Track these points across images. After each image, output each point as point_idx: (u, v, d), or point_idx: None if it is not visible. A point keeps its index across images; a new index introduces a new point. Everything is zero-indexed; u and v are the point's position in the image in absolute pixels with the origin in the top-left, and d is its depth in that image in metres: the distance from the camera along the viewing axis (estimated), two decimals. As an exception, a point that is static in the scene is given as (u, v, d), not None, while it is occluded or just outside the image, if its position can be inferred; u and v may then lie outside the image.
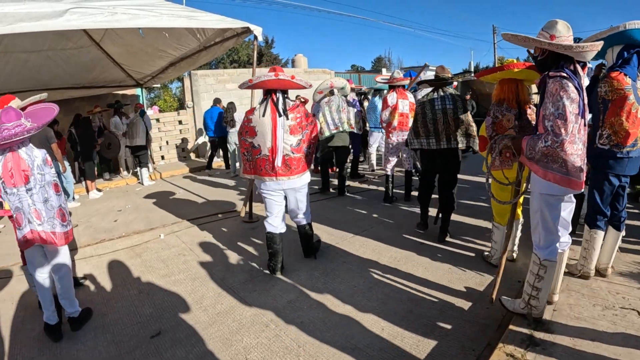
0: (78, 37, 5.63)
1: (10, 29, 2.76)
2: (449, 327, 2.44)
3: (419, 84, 4.76)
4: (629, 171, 2.52)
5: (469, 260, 3.34)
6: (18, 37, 4.35)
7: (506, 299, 2.50)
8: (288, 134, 3.03)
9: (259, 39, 4.51)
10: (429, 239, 3.83)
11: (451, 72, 3.86)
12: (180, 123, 9.92)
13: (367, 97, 8.47)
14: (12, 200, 2.36)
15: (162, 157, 9.65)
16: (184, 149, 10.04)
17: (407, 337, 2.36)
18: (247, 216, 4.77)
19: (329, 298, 2.85)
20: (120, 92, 8.72)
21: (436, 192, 3.89)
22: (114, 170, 8.21)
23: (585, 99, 2.01)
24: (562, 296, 2.51)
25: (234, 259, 3.67)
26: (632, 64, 2.39)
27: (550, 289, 2.32)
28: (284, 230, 3.31)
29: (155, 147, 9.37)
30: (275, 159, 3.02)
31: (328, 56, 79.41)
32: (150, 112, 9.85)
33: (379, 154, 7.47)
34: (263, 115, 3.00)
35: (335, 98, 5.32)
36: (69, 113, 7.35)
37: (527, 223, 2.63)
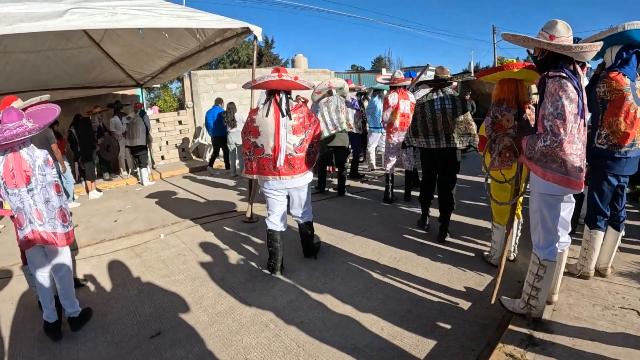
0: (78, 37, 5.63)
1: (10, 30, 2.76)
2: (449, 327, 2.44)
3: (419, 85, 4.76)
4: (627, 171, 2.52)
5: (469, 260, 3.34)
6: (18, 38, 4.35)
7: (506, 299, 2.50)
8: (291, 133, 3.07)
9: (259, 39, 4.51)
10: (428, 239, 3.84)
11: (451, 72, 3.87)
12: (180, 123, 9.92)
13: (367, 97, 8.46)
14: (14, 200, 2.36)
15: (162, 157, 9.66)
16: (183, 149, 10.04)
17: (407, 337, 2.36)
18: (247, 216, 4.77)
19: (328, 298, 2.85)
20: (120, 92, 8.72)
21: (436, 192, 3.89)
22: (113, 171, 8.20)
23: (584, 99, 2.01)
24: (561, 296, 2.51)
25: (234, 259, 3.67)
26: (631, 64, 2.38)
27: (550, 289, 2.32)
28: (284, 229, 3.33)
29: (155, 147, 9.38)
30: (280, 158, 3.05)
31: (328, 56, 79.59)
32: (150, 112, 9.84)
33: (378, 154, 7.47)
34: (266, 116, 3.04)
35: (333, 98, 5.32)
36: (69, 113, 7.33)
37: (526, 223, 2.63)
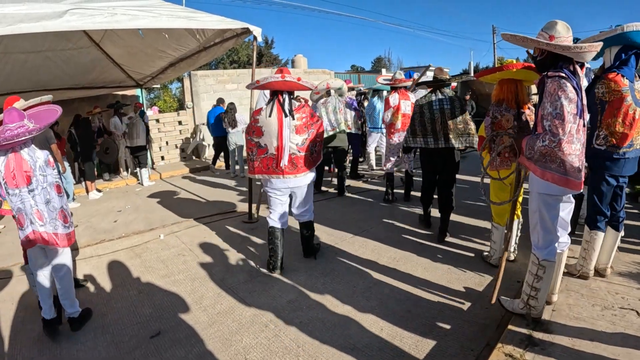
0: (78, 37, 5.63)
1: (10, 30, 2.76)
2: (448, 327, 2.44)
3: (417, 86, 4.77)
4: (626, 171, 2.52)
5: (468, 260, 3.35)
6: (17, 38, 4.35)
7: (505, 299, 2.51)
8: (294, 133, 3.11)
9: (259, 39, 4.51)
10: (428, 239, 3.84)
11: (451, 72, 3.89)
12: (180, 124, 9.92)
13: (367, 97, 8.46)
14: (14, 201, 2.37)
15: (162, 158, 9.66)
16: (183, 150, 10.04)
17: (406, 337, 2.36)
18: (247, 217, 4.77)
19: (328, 298, 2.85)
20: (120, 92, 8.71)
21: (436, 193, 3.90)
22: (113, 171, 8.20)
23: (584, 99, 2.01)
24: (561, 296, 2.51)
25: (234, 259, 3.67)
26: (630, 65, 2.38)
27: (549, 289, 2.32)
28: (285, 227, 3.38)
29: (155, 148, 9.38)
30: (283, 157, 3.10)
31: (328, 56, 79.66)
32: (150, 113, 9.84)
33: (378, 154, 7.47)
34: (269, 116, 3.09)
35: (332, 99, 5.32)
36: (69, 114, 7.31)
37: (526, 223, 2.63)
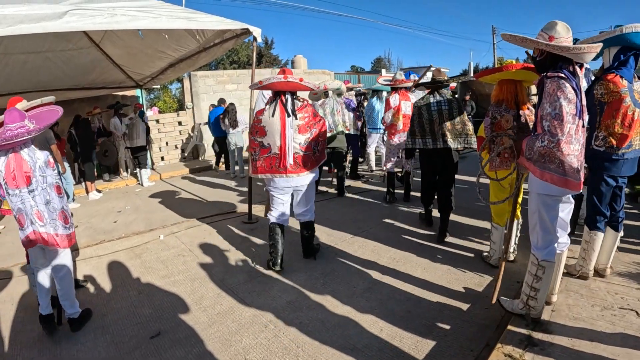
0: (78, 38, 5.63)
1: (10, 31, 2.76)
2: (448, 327, 2.44)
3: (416, 87, 4.77)
4: (625, 172, 2.52)
5: (468, 260, 3.35)
6: (18, 39, 4.35)
7: (505, 299, 2.51)
8: (297, 133, 3.15)
9: (258, 40, 4.51)
10: (427, 240, 3.84)
11: (450, 73, 3.91)
12: (180, 124, 9.92)
13: (367, 97, 8.45)
14: (15, 201, 2.37)
15: (161, 158, 9.66)
16: (183, 150, 10.05)
17: (406, 337, 2.37)
18: (247, 217, 4.77)
19: (328, 299, 2.85)
20: (120, 93, 8.72)
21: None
22: (113, 172, 8.21)
23: (583, 99, 2.02)
24: (560, 296, 2.51)
25: (234, 259, 3.67)
26: (629, 66, 2.38)
27: (549, 289, 2.33)
28: (286, 224, 3.42)
29: (154, 148, 9.38)
30: (285, 156, 3.13)
31: (328, 57, 79.61)
32: (150, 113, 9.84)
33: (377, 154, 7.48)
34: (272, 116, 3.12)
35: (329, 100, 5.32)
36: (69, 114, 7.30)
37: (525, 224, 2.63)
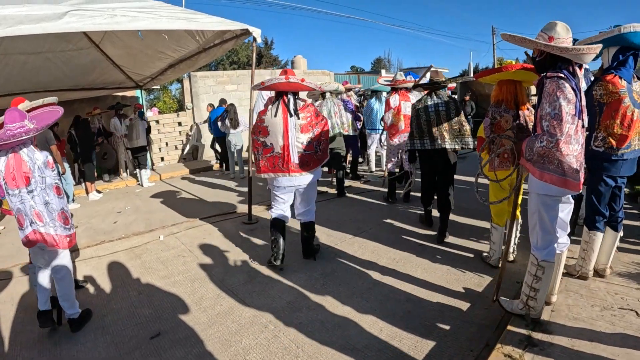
0: (78, 39, 5.64)
1: (10, 32, 2.76)
2: (448, 327, 2.44)
3: (414, 87, 4.78)
4: (624, 172, 2.53)
5: (468, 261, 3.35)
6: (17, 39, 4.35)
7: (504, 299, 2.51)
8: (299, 132, 3.17)
9: (258, 40, 4.52)
10: (427, 240, 3.84)
11: (451, 73, 3.92)
12: (180, 125, 9.92)
13: (367, 97, 8.46)
14: (14, 201, 2.38)
15: (161, 159, 9.66)
16: (183, 150, 10.05)
17: (406, 337, 2.37)
18: (247, 217, 4.77)
19: (327, 299, 2.86)
20: (120, 93, 8.72)
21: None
22: (113, 172, 8.21)
23: (582, 100, 2.02)
24: (560, 297, 2.51)
25: (233, 260, 3.67)
26: (628, 66, 2.38)
27: (549, 289, 2.33)
28: (287, 221, 3.45)
29: (154, 149, 9.38)
30: (289, 156, 3.16)
31: (327, 57, 79.56)
32: (150, 114, 9.84)
33: (377, 155, 7.48)
34: (275, 116, 3.14)
35: (327, 102, 5.31)
36: (69, 115, 7.30)
37: (525, 224, 2.63)
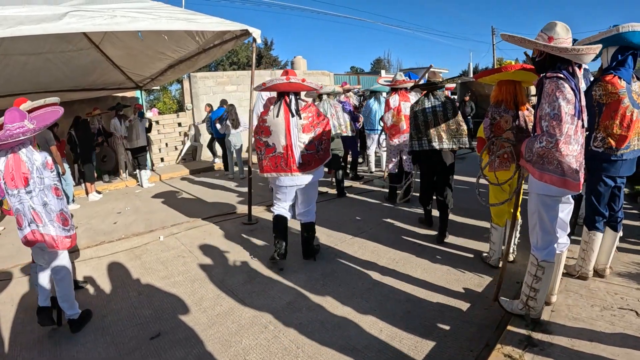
0: (78, 39, 5.64)
1: (10, 32, 2.77)
2: (448, 328, 2.44)
3: (412, 88, 4.78)
4: (623, 172, 2.53)
5: (468, 261, 3.35)
6: (18, 40, 4.37)
7: (504, 299, 2.51)
8: (301, 132, 3.19)
9: (258, 41, 4.52)
10: (427, 240, 3.84)
11: (450, 73, 3.93)
12: (180, 125, 9.92)
13: (366, 98, 8.46)
14: (13, 201, 2.38)
15: (161, 159, 9.66)
16: (181, 151, 10.04)
17: (406, 338, 2.37)
18: (247, 218, 4.77)
19: (327, 299, 2.86)
20: (120, 94, 8.73)
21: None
22: (113, 173, 8.21)
23: (582, 100, 2.02)
24: (560, 297, 2.52)
25: (233, 260, 3.67)
26: (627, 66, 2.38)
27: (549, 290, 2.33)
28: (289, 217, 3.46)
29: (154, 149, 9.38)
30: (292, 155, 3.18)
31: (327, 58, 79.55)
32: (150, 115, 9.84)
33: (377, 155, 7.48)
34: (277, 116, 3.16)
35: (323, 104, 5.31)
36: (69, 115, 7.30)
37: (525, 224, 2.63)
